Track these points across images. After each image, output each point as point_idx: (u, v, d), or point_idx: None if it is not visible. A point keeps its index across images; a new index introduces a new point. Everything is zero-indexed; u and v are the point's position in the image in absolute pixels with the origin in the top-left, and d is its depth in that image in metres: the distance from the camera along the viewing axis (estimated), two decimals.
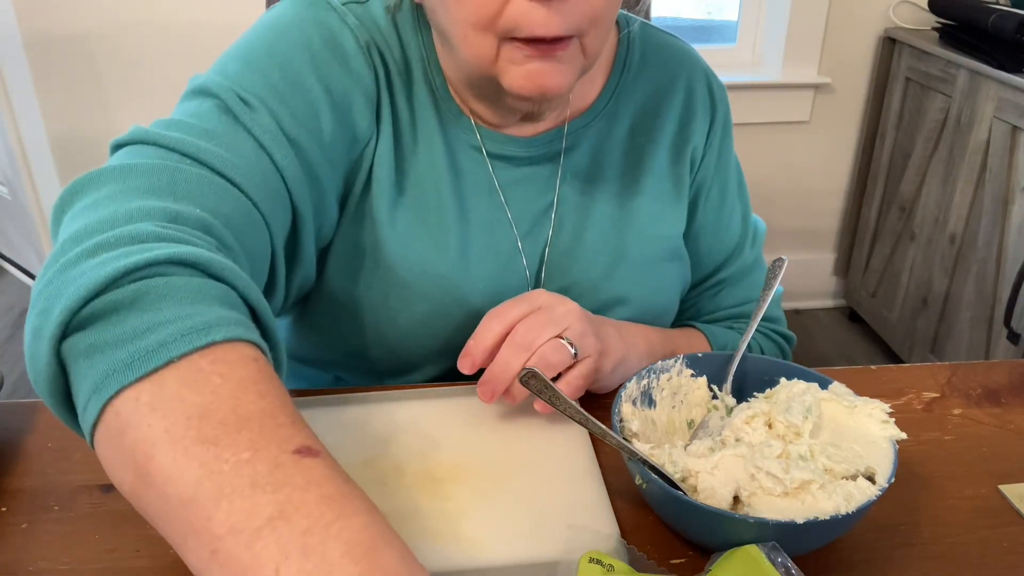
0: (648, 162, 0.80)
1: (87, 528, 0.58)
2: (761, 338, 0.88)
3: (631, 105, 0.80)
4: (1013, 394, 0.75)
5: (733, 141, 0.87)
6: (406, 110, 0.73)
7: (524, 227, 0.77)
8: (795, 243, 2.53)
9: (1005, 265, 1.83)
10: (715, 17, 2.49)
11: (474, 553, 0.55)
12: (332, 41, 0.69)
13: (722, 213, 0.86)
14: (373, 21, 0.72)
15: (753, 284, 0.89)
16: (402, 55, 0.73)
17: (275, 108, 0.63)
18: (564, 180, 0.78)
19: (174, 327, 0.41)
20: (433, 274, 0.73)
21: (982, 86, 1.86)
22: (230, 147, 0.58)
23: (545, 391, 0.58)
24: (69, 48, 2.01)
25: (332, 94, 0.67)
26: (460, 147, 0.75)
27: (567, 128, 0.77)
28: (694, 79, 0.83)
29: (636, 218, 0.79)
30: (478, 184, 0.75)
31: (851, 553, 0.57)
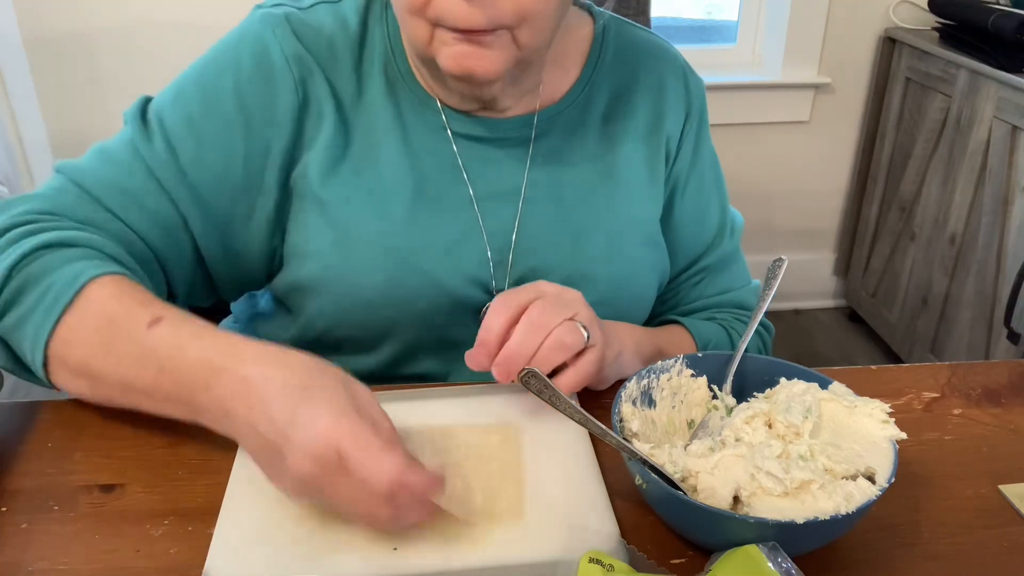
0: (621, 148, 0.82)
1: (87, 528, 0.58)
2: (742, 327, 0.88)
3: (604, 95, 0.83)
4: (1013, 394, 0.75)
5: (709, 135, 0.89)
6: (354, 100, 0.77)
7: (488, 204, 0.79)
8: (795, 243, 2.53)
9: (1005, 265, 1.83)
10: (715, 17, 2.49)
11: (474, 553, 0.55)
12: (261, 57, 0.75)
13: (700, 204, 0.87)
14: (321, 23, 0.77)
15: (733, 274, 0.90)
16: (358, 48, 0.78)
17: (177, 138, 0.74)
18: (534, 163, 0.80)
19: (57, 286, 0.63)
20: (386, 245, 0.76)
21: (982, 86, 1.86)
22: (119, 175, 0.73)
23: (545, 391, 0.58)
24: (69, 48, 2.01)
25: (249, 112, 0.74)
26: (422, 128, 0.78)
27: (539, 115, 0.80)
28: (668, 74, 0.85)
29: (608, 199, 0.81)
30: (440, 162, 0.78)
31: (851, 553, 0.57)
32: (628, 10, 1.46)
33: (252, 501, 0.59)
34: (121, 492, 0.62)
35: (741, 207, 2.84)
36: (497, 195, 0.79)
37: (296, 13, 0.77)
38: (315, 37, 0.76)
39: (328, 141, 0.76)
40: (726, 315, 0.89)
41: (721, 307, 0.90)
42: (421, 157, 0.78)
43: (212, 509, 0.59)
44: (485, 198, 0.79)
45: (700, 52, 2.40)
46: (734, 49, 2.38)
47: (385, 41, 0.78)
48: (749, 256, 0.93)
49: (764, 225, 2.48)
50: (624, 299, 0.82)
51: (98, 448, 0.66)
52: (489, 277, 0.79)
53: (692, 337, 0.85)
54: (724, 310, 0.90)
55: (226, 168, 0.74)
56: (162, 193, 0.73)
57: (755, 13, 2.33)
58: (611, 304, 0.79)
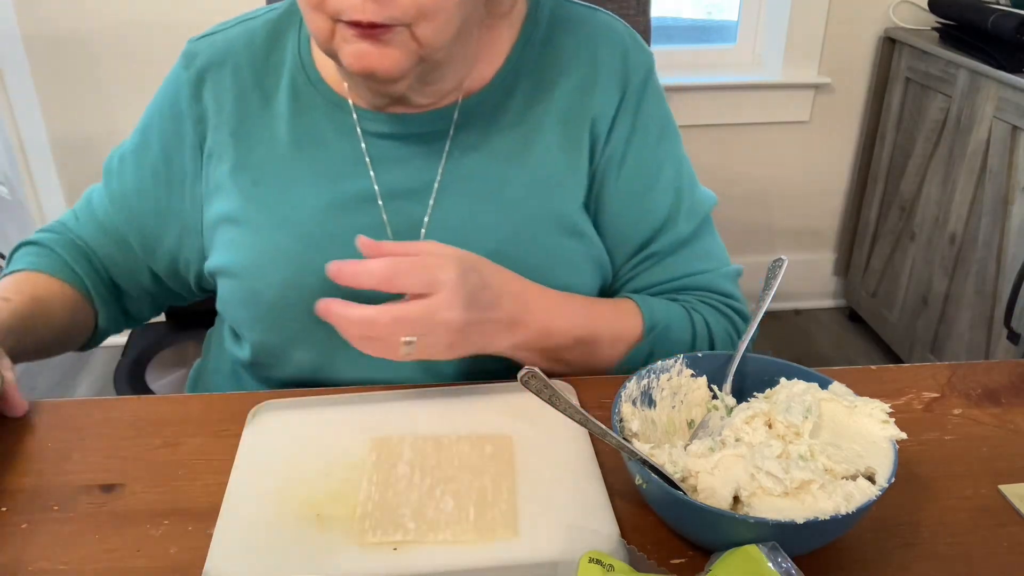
0: (540, 135, 0.79)
1: (87, 528, 0.58)
2: (709, 311, 0.84)
3: (529, 80, 0.80)
4: (1013, 394, 0.75)
5: (662, 114, 0.84)
6: (258, 113, 0.82)
7: (395, 202, 0.79)
8: (795, 243, 2.53)
9: (1005, 265, 1.83)
10: (715, 17, 2.49)
11: (474, 553, 0.55)
12: (173, 97, 0.84)
13: (641, 186, 0.82)
14: (228, 46, 0.83)
15: (692, 257, 0.84)
16: (263, 62, 0.83)
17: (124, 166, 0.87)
18: (450, 157, 0.79)
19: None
20: (285, 249, 0.78)
21: (982, 86, 1.86)
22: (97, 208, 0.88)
23: (545, 390, 0.58)
24: (69, 48, 2.00)
25: (166, 144, 0.85)
26: (331, 131, 0.80)
27: (460, 108, 0.79)
28: (602, 50, 0.81)
29: (521, 190, 0.79)
30: (347, 163, 0.79)
31: (851, 553, 0.57)
32: (628, 10, 1.46)
33: (252, 501, 0.59)
34: (121, 492, 0.62)
35: (741, 207, 2.85)
36: (406, 192, 0.79)
37: (200, 51, 0.83)
38: (217, 69, 0.82)
39: (229, 160, 0.81)
40: (689, 297, 0.84)
41: (684, 291, 0.84)
42: (325, 158, 0.79)
43: (212, 509, 0.59)
44: (393, 196, 0.79)
45: (700, 52, 2.40)
46: (734, 49, 2.38)
47: (296, 50, 0.82)
48: (749, 256, 0.93)
49: (764, 225, 2.48)
50: None
51: (98, 448, 0.66)
52: None
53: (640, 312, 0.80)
54: (687, 293, 0.84)
55: (157, 196, 0.85)
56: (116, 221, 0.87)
57: (755, 13, 2.33)
58: None
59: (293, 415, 0.69)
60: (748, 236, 2.47)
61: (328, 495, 0.60)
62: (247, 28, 0.84)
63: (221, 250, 0.82)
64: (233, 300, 0.82)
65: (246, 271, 0.79)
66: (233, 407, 0.71)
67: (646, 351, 0.79)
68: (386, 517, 0.58)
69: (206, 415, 0.70)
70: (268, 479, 0.61)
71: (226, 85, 0.82)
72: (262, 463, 0.63)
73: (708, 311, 0.83)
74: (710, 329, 0.83)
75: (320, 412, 0.69)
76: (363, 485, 0.61)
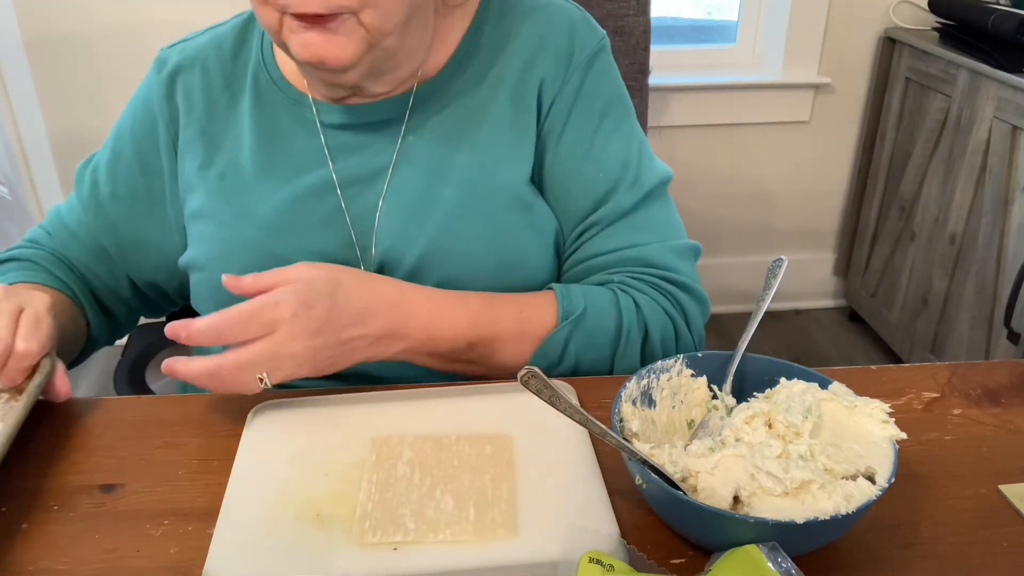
0: (487, 112, 0.81)
1: (87, 528, 0.58)
2: (643, 288, 0.80)
3: (478, 62, 0.83)
4: (1013, 394, 0.75)
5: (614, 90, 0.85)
6: (225, 111, 0.84)
7: (352, 189, 0.81)
8: (795, 243, 2.53)
9: (1005, 265, 1.83)
10: (715, 17, 2.49)
11: (474, 553, 0.55)
12: (145, 103, 0.87)
13: (582, 154, 0.82)
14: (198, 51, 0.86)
15: (631, 228, 0.82)
16: (230, 63, 0.86)
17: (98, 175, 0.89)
18: (404, 140, 0.81)
19: None
20: (245, 239, 0.81)
21: (982, 86, 1.86)
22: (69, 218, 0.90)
23: (545, 391, 0.58)
24: (69, 48, 2.01)
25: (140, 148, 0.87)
26: (292, 125, 0.83)
27: (415, 94, 0.81)
28: (550, 28, 0.83)
29: (472, 171, 0.80)
30: (307, 155, 0.82)
31: (851, 553, 0.57)
32: (628, 10, 1.46)
33: (252, 501, 0.59)
34: (121, 492, 0.62)
35: (741, 207, 2.85)
36: (363, 179, 0.81)
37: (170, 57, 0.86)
38: (189, 69, 0.85)
39: (199, 158, 0.84)
40: (622, 275, 0.82)
41: (622, 264, 0.82)
42: (286, 152, 0.82)
43: (212, 509, 0.59)
44: (350, 183, 0.81)
45: (700, 52, 2.40)
46: (734, 49, 2.38)
47: (258, 51, 0.86)
48: (749, 256, 0.92)
49: (764, 225, 2.48)
50: (502, 268, 0.80)
51: (98, 448, 0.66)
52: (356, 259, 0.80)
53: (556, 302, 0.78)
54: (622, 269, 0.82)
55: (134, 201, 0.87)
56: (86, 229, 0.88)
57: (755, 13, 2.33)
58: (489, 272, 0.79)
59: (293, 415, 0.69)
60: (748, 236, 2.47)
61: (328, 495, 0.60)
62: (216, 34, 0.88)
63: (191, 245, 0.85)
64: (200, 293, 0.84)
65: (211, 263, 0.81)
66: (233, 407, 0.71)
67: (562, 340, 0.77)
68: (386, 517, 0.58)
69: (206, 415, 0.70)
70: (268, 479, 0.62)
71: (196, 86, 0.85)
72: (262, 463, 0.63)
73: (641, 288, 0.81)
74: (639, 309, 0.80)
75: (320, 412, 0.69)
76: (363, 485, 0.61)
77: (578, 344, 0.78)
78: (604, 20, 1.24)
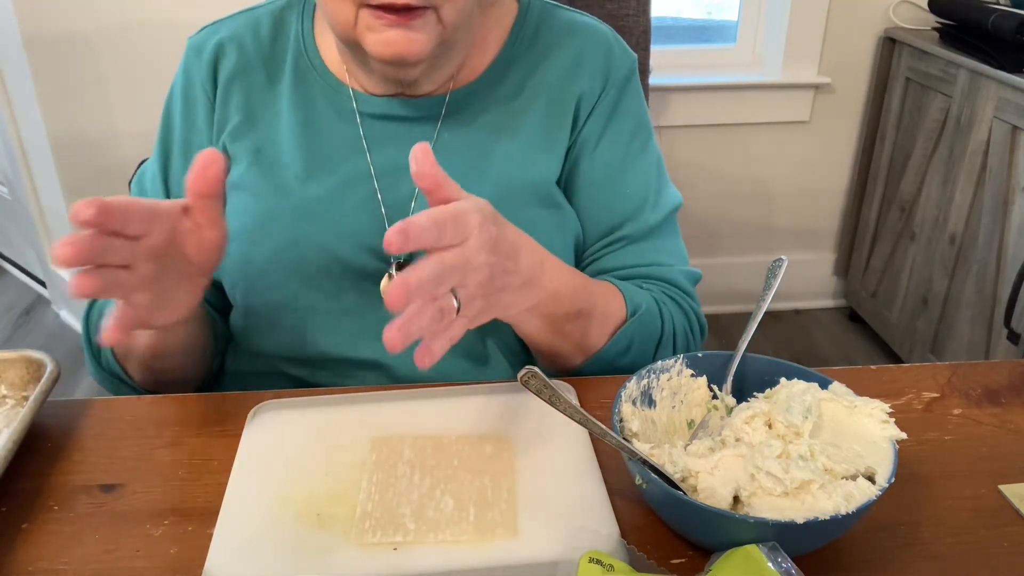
0: (523, 118, 0.84)
1: (87, 528, 0.58)
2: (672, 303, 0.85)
3: (518, 72, 0.85)
4: (1013, 394, 0.75)
5: (639, 111, 0.88)
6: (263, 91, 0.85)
7: (387, 179, 0.82)
8: (795, 243, 2.53)
9: (1005, 265, 1.83)
10: (715, 17, 2.49)
11: (474, 553, 0.55)
12: (187, 88, 0.87)
13: (613, 169, 0.86)
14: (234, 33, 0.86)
15: (657, 248, 0.87)
16: (268, 46, 0.86)
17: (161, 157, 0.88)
18: (440, 138, 0.83)
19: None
20: (276, 215, 0.81)
21: (982, 86, 1.86)
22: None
23: (545, 390, 0.58)
24: (69, 48, 2.00)
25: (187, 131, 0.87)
26: (331, 113, 0.84)
27: (451, 96, 0.83)
28: (588, 48, 0.86)
29: (506, 167, 0.82)
30: (344, 142, 0.83)
31: (851, 553, 0.57)
32: (628, 10, 1.45)
33: (252, 501, 0.59)
34: (121, 492, 0.62)
35: (741, 207, 2.85)
36: (398, 168, 0.81)
37: (207, 37, 0.86)
38: (228, 48, 0.86)
39: (232, 125, 0.84)
40: (653, 287, 0.86)
41: (648, 279, 0.86)
42: (324, 137, 0.83)
43: (212, 509, 0.59)
44: (386, 173, 0.82)
45: (700, 52, 2.40)
46: (734, 49, 2.38)
47: (299, 38, 0.87)
48: (749, 256, 0.93)
49: (764, 225, 2.48)
50: None
51: (98, 448, 0.66)
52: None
53: (621, 292, 0.81)
54: (651, 282, 0.86)
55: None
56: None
57: (755, 13, 2.33)
58: None
59: (293, 415, 0.69)
60: (748, 236, 2.47)
61: (328, 495, 0.60)
62: (251, 17, 0.88)
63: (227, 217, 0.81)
64: (229, 264, 0.83)
65: (242, 235, 0.81)
66: (233, 407, 0.71)
67: (630, 333, 0.79)
68: (386, 517, 0.58)
69: (206, 415, 0.70)
70: (268, 479, 0.62)
71: (233, 61, 0.86)
72: (262, 463, 0.63)
73: (671, 303, 0.85)
74: (674, 321, 0.84)
75: (320, 412, 0.69)
76: (363, 485, 0.61)
77: (639, 340, 0.80)
78: (604, 20, 1.24)
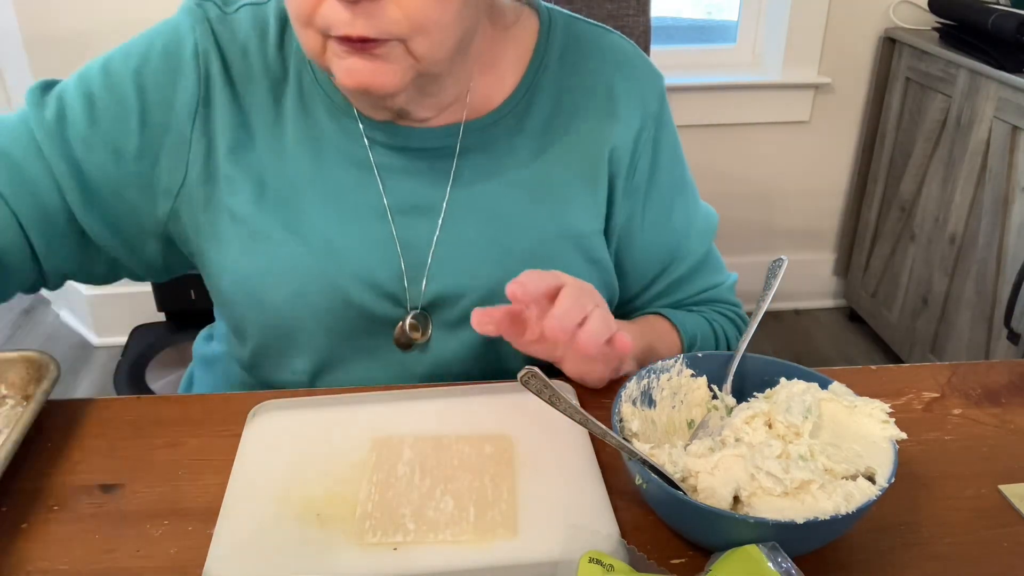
0: (557, 161, 0.78)
1: (87, 528, 0.58)
2: (724, 320, 0.87)
3: (547, 101, 0.78)
4: (1013, 394, 0.75)
5: (670, 135, 0.83)
6: (263, 108, 0.76)
7: (403, 218, 0.76)
8: (795, 243, 2.53)
9: (1005, 265, 1.83)
10: (715, 17, 2.49)
11: (474, 553, 0.55)
12: (174, 48, 0.75)
13: (664, 213, 0.83)
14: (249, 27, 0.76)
15: (707, 273, 0.87)
16: (276, 51, 0.76)
17: (72, 112, 0.74)
18: (459, 178, 0.76)
19: None
20: (292, 257, 0.75)
21: (982, 86, 1.86)
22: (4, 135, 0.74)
23: (545, 391, 0.58)
24: (69, 48, 2.00)
25: (146, 96, 0.74)
26: (339, 135, 0.76)
27: (466, 126, 0.76)
28: (618, 75, 0.80)
29: (539, 215, 0.77)
30: (355, 171, 0.76)
31: (851, 553, 0.57)
32: (628, 10, 1.45)
33: (252, 501, 0.59)
34: (121, 492, 0.62)
35: (741, 207, 2.85)
36: (415, 209, 0.76)
37: (219, 15, 0.76)
38: (231, 43, 0.76)
39: (230, 146, 0.75)
40: (704, 309, 0.87)
41: (703, 304, 0.88)
42: (335, 165, 0.76)
43: (212, 509, 0.59)
44: (401, 211, 0.76)
45: (700, 52, 2.40)
46: (734, 49, 2.38)
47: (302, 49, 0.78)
48: (749, 256, 0.94)
49: (764, 225, 2.48)
50: None
51: (98, 448, 0.66)
52: (403, 291, 0.76)
53: (677, 330, 0.83)
54: (707, 305, 0.88)
55: (116, 152, 0.74)
56: (40, 159, 0.73)
57: (755, 13, 2.33)
58: None
59: (293, 415, 0.69)
60: (748, 236, 2.47)
61: (328, 495, 0.60)
62: (258, 15, 0.77)
63: (226, 245, 0.76)
64: (238, 301, 0.78)
65: (253, 278, 0.76)
66: (233, 407, 0.71)
67: None
68: (386, 517, 0.58)
69: (206, 415, 0.70)
70: (268, 479, 0.62)
71: (236, 64, 0.76)
72: (262, 463, 0.63)
73: (722, 319, 0.87)
74: (727, 334, 0.87)
75: (320, 412, 0.69)
76: (363, 485, 0.61)
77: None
78: (604, 20, 1.24)
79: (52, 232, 0.75)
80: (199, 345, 0.95)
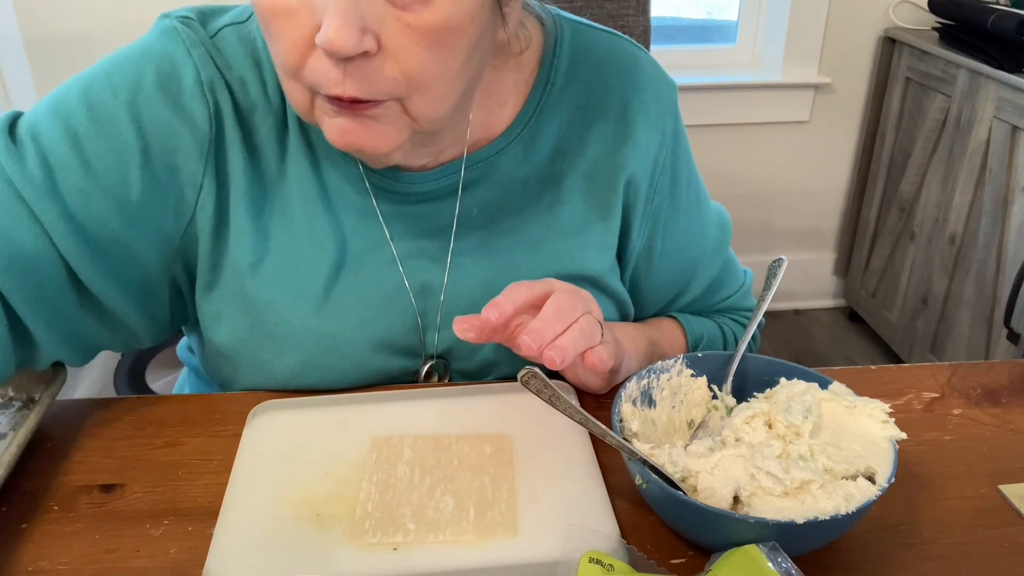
0: (568, 191, 0.73)
1: (87, 528, 0.58)
2: (735, 325, 0.88)
3: (554, 125, 0.73)
4: (1013, 394, 0.75)
5: (684, 149, 0.79)
6: (271, 148, 0.69)
7: (414, 264, 0.72)
8: (795, 243, 2.53)
9: (1005, 265, 1.83)
10: (715, 17, 2.49)
11: (474, 553, 0.55)
12: (169, 76, 0.65)
13: (685, 236, 0.81)
14: (241, 53, 0.68)
15: (720, 287, 0.86)
16: (276, 89, 0.68)
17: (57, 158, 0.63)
18: (465, 216, 0.72)
19: None
20: (298, 324, 0.70)
21: (982, 86, 1.86)
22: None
23: (545, 391, 0.58)
24: (69, 48, 2.01)
25: (148, 136, 0.65)
26: (341, 182, 0.70)
27: (468, 160, 0.71)
28: (633, 89, 0.74)
29: (549, 251, 0.73)
30: (360, 220, 0.71)
31: (851, 553, 0.57)
32: (628, 10, 1.45)
33: (252, 501, 0.59)
34: (121, 492, 0.62)
35: (741, 207, 2.85)
36: (421, 252, 0.72)
37: (207, 38, 0.67)
38: (228, 71, 0.67)
39: (242, 192, 0.68)
40: (718, 314, 0.88)
41: (719, 313, 0.89)
42: (341, 216, 0.70)
43: (212, 509, 0.59)
44: (410, 256, 0.72)
45: (700, 52, 2.40)
46: (734, 49, 2.38)
47: None
48: (749, 256, 0.93)
49: (764, 225, 2.48)
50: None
51: (98, 448, 0.66)
52: (418, 341, 0.73)
53: (684, 332, 0.83)
54: (727, 312, 0.89)
55: (118, 201, 0.64)
56: (33, 223, 0.62)
57: (755, 13, 2.33)
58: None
59: (293, 415, 0.69)
60: (748, 236, 2.47)
61: (328, 495, 0.60)
62: (241, 36, 0.68)
63: (228, 309, 0.71)
64: (233, 365, 0.73)
65: (266, 344, 0.71)
66: (233, 407, 0.71)
67: None
68: (386, 517, 0.58)
69: (206, 415, 0.70)
70: (268, 479, 0.61)
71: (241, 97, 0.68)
72: (262, 463, 0.63)
73: (734, 324, 0.87)
74: (736, 337, 0.87)
75: (320, 412, 0.69)
76: (363, 485, 0.61)
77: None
78: (604, 20, 1.24)
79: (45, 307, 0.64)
80: (183, 354, 0.90)
